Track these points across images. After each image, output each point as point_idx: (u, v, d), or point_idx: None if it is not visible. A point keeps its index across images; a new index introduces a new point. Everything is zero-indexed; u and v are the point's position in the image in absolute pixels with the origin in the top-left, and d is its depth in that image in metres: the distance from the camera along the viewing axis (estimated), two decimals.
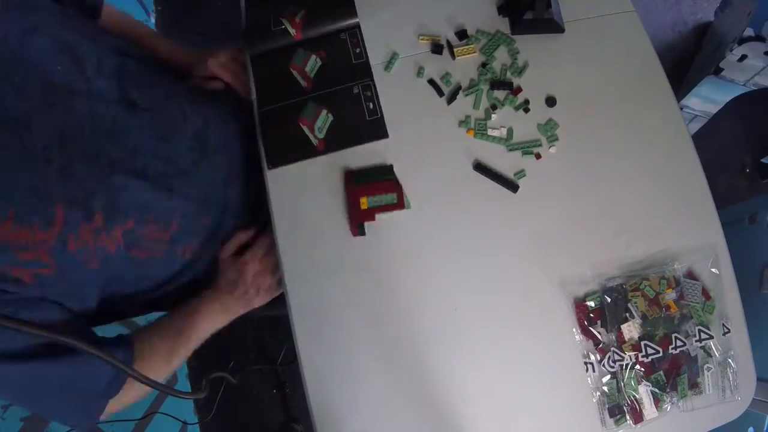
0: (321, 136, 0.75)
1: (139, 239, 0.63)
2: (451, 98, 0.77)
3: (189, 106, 0.73)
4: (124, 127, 0.63)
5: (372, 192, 0.70)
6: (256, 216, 0.83)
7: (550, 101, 0.77)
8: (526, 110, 0.76)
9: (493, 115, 0.76)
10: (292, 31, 0.77)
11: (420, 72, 0.78)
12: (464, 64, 0.79)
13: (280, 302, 0.94)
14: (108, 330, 0.66)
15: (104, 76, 0.62)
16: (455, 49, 0.78)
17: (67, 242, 0.55)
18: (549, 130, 0.75)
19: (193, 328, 0.73)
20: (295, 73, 0.77)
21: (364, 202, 0.70)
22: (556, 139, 0.75)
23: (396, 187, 0.71)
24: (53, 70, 0.56)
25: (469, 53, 0.78)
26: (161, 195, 0.65)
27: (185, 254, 0.71)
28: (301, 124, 0.74)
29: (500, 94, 0.77)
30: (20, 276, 0.51)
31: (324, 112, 0.74)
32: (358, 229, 0.70)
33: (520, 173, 0.74)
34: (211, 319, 0.75)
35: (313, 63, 0.77)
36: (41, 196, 0.53)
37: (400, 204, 0.71)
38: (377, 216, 0.70)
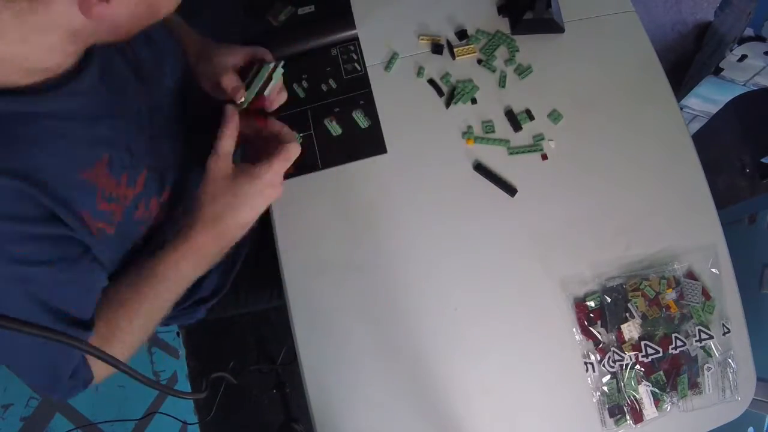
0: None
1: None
2: (449, 101, 0.77)
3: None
4: (188, 122, 0.67)
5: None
6: None
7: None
8: (531, 117, 0.76)
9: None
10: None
11: (420, 72, 0.78)
12: (464, 65, 0.79)
13: (272, 296, 0.94)
14: None
15: (174, 77, 0.67)
16: (455, 49, 0.78)
17: (138, 207, 0.58)
18: (554, 120, 0.76)
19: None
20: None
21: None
22: (561, 119, 0.75)
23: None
24: (139, 54, 0.61)
25: (469, 53, 0.78)
26: None
27: None
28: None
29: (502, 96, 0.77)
30: (90, 225, 0.52)
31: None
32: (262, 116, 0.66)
33: (539, 137, 0.76)
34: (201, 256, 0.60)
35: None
36: (133, 154, 0.56)
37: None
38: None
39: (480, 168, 0.74)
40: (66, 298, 0.51)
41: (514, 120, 0.76)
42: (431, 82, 0.78)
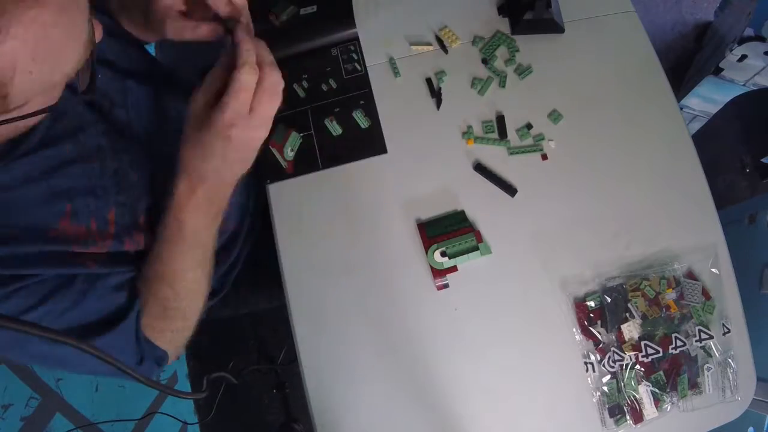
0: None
1: None
2: (439, 101, 0.77)
3: None
4: (158, 137, 0.64)
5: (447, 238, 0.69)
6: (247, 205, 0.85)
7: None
8: (529, 127, 0.76)
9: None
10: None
11: (420, 75, 0.78)
12: (464, 65, 0.79)
13: (269, 295, 0.94)
14: None
15: (139, 83, 0.63)
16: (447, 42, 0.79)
17: (123, 243, 0.56)
18: (554, 121, 0.76)
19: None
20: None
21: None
22: (562, 118, 0.75)
23: (472, 230, 0.70)
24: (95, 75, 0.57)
25: (454, 41, 0.79)
26: None
27: None
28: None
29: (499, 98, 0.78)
30: (83, 261, 0.51)
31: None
32: (442, 285, 0.70)
33: (539, 137, 0.75)
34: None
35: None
36: (98, 195, 0.53)
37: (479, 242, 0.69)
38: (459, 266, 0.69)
39: (480, 168, 0.74)
40: (83, 312, 0.51)
41: (502, 126, 0.76)
42: (429, 81, 0.78)
